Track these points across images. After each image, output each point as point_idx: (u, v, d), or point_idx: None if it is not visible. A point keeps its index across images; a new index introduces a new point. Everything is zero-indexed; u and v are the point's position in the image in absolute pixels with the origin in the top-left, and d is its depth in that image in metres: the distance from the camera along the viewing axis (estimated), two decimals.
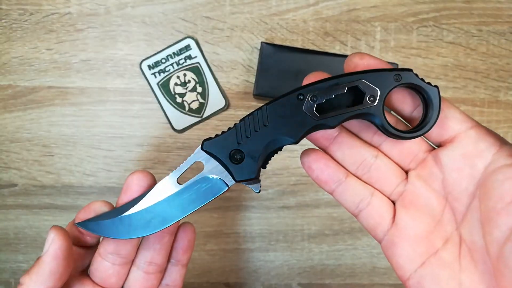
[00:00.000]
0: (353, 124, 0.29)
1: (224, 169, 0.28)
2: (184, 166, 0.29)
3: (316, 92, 0.26)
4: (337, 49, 0.50)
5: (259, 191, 0.29)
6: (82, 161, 0.50)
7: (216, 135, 0.28)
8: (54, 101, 0.49)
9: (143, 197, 0.29)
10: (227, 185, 0.28)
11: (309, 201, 0.51)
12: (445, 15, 0.50)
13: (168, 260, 0.34)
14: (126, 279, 0.33)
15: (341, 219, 0.51)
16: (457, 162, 0.27)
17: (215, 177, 0.28)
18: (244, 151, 0.27)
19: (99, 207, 0.31)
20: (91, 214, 0.30)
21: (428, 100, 0.27)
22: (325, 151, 0.30)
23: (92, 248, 0.33)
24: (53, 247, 0.28)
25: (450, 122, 0.27)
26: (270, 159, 0.29)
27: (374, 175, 0.29)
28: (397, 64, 0.48)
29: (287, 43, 0.50)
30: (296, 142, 0.27)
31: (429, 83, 0.27)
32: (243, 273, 0.52)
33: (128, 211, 0.29)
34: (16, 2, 0.49)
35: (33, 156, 0.50)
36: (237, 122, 0.28)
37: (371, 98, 0.26)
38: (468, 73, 0.51)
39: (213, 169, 0.28)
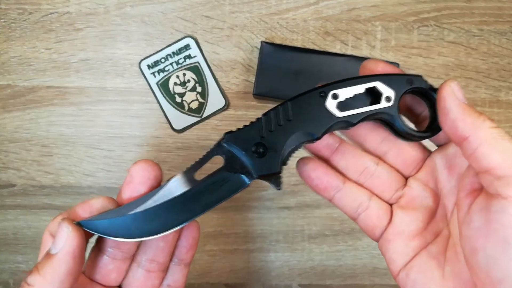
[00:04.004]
0: (359, 133, 0.30)
1: (244, 165, 0.27)
2: (202, 161, 0.27)
3: (337, 90, 0.27)
4: (337, 48, 0.50)
5: (280, 188, 0.28)
6: (82, 161, 0.50)
7: (238, 129, 0.28)
8: (53, 101, 0.49)
9: (155, 193, 0.27)
10: (247, 182, 0.27)
11: (309, 201, 0.51)
12: (446, 15, 0.50)
13: (170, 259, 0.32)
14: (125, 276, 0.31)
15: (342, 219, 0.51)
16: (448, 161, 0.28)
17: (235, 173, 0.27)
18: (267, 144, 0.27)
19: (100, 205, 0.28)
20: (92, 212, 0.28)
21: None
22: (326, 161, 0.30)
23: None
24: (70, 243, 0.26)
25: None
26: (291, 156, 0.28)
27: (376, 182, 0.30)
28: (398, 64, 0.48)
29: (287, 43, 0.49)
30: (318, 139, 0.28)
31: (437, 89, 0.27)
32: (243, 273, 0.52)
33: (139, 207, 0.27)
34: (15, 2, 0.49)
35: (32, 156, 0.50)
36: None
37: (387, 99, 0.27)
38: (469, 73, 0.50)
39: (233, 165, 0.27)
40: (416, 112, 0.30)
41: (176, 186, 0.27)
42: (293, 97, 0.27)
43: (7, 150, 0.49)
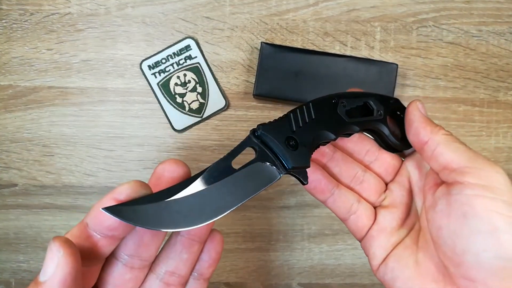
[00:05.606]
0: (348, 145, 0.34)
1: (277, 157, 0.28)
2: (235, 152, 0.27)
3: (344, 100, 0.31)
4: (337, 49, 0.50)
5: (307, 183, 0.29)
6: (83, 161, 0.50)
7: (270, 122, 0.28)
8: (55, 101, 0.49)
9: (193, 180, 0.25)
10: (280, 174, 0.27)
11: (309, 201, 0.51)
12: (445, 15, 0.50)
13: (190, 273, 0.30)
14: (140, 287, 0.29)
15: None
16: (417, 163, 0.33)
17: (268, 164, 0.27)
18: (297, 138, 0.28)
19: (132, 190, 0.24)
20: (122, 200, 0.24)
21: None
22: (323, 167, 0.33)
23: (98, 262, 0.26)
24: (62, 270, 0.22)
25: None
26: (312, 153, 0.30)
27: (364, 186, 0.33)
28: (397, 65, 0.48)
29: (287, 43, 0.50)
30: (334, 139, 0.30)
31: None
32: (243, 272, 0.52)
33: (177, 195, 0.24)
34: (17, 2, 0.49)
35: (34, 156, 0.50)
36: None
37: (379, 113, 0.32)
38: (467, 73, 0.51)
39: (265, 157, 0.27)
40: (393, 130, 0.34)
41: (216, 173, 0.26)
42: (313, 100, 0.30)
43: (8, 150, 0.50)
